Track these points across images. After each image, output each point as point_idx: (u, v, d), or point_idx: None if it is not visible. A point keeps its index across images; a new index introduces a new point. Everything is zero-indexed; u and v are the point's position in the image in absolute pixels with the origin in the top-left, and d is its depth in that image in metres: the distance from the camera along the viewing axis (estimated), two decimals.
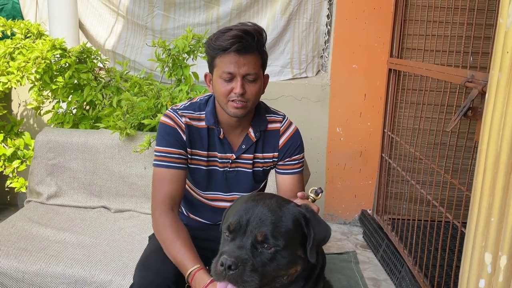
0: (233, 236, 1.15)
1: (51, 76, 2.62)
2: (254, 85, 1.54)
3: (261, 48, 1.55)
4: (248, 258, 1.10)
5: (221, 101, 1.56)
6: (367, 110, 3.30)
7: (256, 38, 1.50)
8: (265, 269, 1.11)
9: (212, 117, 1.63)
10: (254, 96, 1.55)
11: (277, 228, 1.14)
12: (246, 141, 1.67)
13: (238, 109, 1.53)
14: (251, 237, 1.12)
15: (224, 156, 1.67)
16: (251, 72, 1.51)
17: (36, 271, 1.88)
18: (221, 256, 1.10)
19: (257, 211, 1.15)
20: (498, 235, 1.07)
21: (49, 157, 2.47)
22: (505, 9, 1.05)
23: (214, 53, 1.52)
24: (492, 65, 1.10)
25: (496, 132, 1.07)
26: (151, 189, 1.65)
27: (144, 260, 1.60)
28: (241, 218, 1.15)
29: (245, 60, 1.49)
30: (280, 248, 1.13)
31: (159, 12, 3.38)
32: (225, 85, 1.52)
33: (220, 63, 1.51)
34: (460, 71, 1.96)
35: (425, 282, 2.27)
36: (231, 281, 1.09)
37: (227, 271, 1.08)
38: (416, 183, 2.59)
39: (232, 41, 1.46)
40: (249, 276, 1.09)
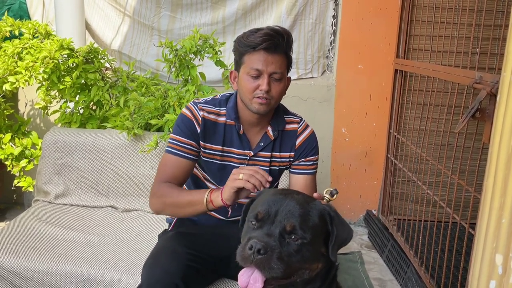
0: (260, 225, 1.18)
1: (59, 76, 2.63)
2: (279, 84, 1.60)
3: (289, 50, 1.62)
4: (276, 245, 1.12)
5: (246, 97, 1.62)
6: (372, 111, 3.31)
7: (286, 39, 1.58)
8: (291, 260, 1.13)
9: (234, 112, 1.68)
10: (278, 95, 1.61)
11: (305, 221, 1.17)
12: (264, 139, 1.73)
13: (262, 105, 1.59)
14: (279, 227, 1.15)
15: (242, 152, 1.72)
16: (277, 71, 1.57)
17: (45, 269, 1.89)
18: (249, 240, 1.12)
19: (286, 203, 1.18)
20: (509, 236, 1.07)
21: (57, 156, 2.48)
22: None
23: (244, 50, 1.58)
24: (504, 66, 1.11)
25: (508, 133, 1.08)
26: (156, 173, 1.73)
27: (151, 259, 1.62)
28: (270, 208, 1.18)
29: (273, 59, 1.56)
30: (306, 241, 1.15)
31: (165, 13, 3.39)
32: (252, 81, 1.58)
33: (249, 60, 1.58)
34: (468, 72, 1.97)
35: (431, 283, 2.27)
36: (258, 265, 1.11)
37: (255, 255, 1.10)
38: (422, 184, 2.59)
39: (264, 38, 1.53)
40: (276, 263, 1.10)
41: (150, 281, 1.54)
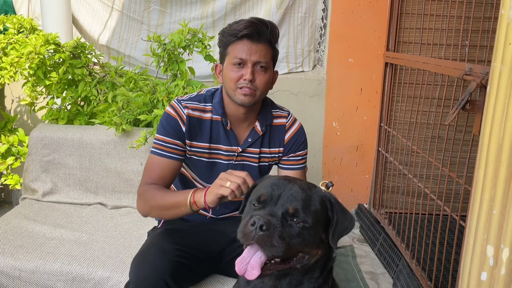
0: (263, 206, 1.18)
1: (45, 72, 2.59)
2: (264, 75, 1.57)
3: (274, 40, 1.59)
4: (279, 224, 1.12)
5: (230, 88, 1.58)
6: (363, 104, 3.30)
7: (270, 29, 1.55)
8: (291, 241, 1.13)
9: (220, 108, 1.65)
10: (263, 86, 1.58)
11: (307, 206, 1.17)
12: (253, 134, 1.69)
13: (246, 96, 1.55)
14: (282, 209, 1.15)
15: (230, 148, 1.69)
16: (261, 60, 1.54)
17: (33, 268, 1.86)
18: (252, 217, 1.11)
19: (289, 187, 1.19)
20: (500, 228, 1.07)
21: (44, 153, 2.44)
22: (507, 1, 1.04)
23: (228, 40, 1.56)
24: (494, 57, 1.10)
25: (498, 125, 1.07)
26: (142, 174, 1.69)
27: (139, 256, 1.60)
28: (273, 191, 1.18)
29: (257, 47, 1.54)
30: (308, 225, 1.15)
31: (155, 7, 3.35)
32: (236, 71, 1.55)
33: (233, 50, 1.55)
34: (458, 64, 1.96)
35: (423, 275, 2.28)
36: (259, 243, 1.10)
37: (258, 232, 1.09)
38: (413, 177, 2.59)
39: (246, 25, 1.52)
40: (277, 241, 1.10)
41: (138, 279, 1.52)
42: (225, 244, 1.75)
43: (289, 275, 1.24)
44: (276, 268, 1.19)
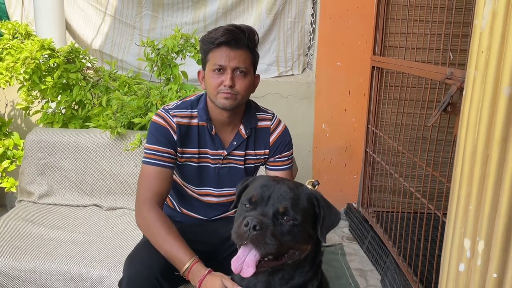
0: (254, 207, 1.25)
1: (40, 76, 2.63)
2: (244, 80, 1.61)
3: (252, 46, 1.63)
4: (270, 223, 1.20)
5: (212, 94, 1.62)
6: (351, 107, 3.39)
7: (247, 35, 1.60)
8: (283, 239, 1.21)
9: (205, 113, 1.68)
10: (243, 91, 1.62)
11: (296, 204, 1.25)
12: (237, 137, 1.74)
13: (228, 99, 1.59)
14: (272, 208, 1.22)
15: (216, 152, 1.73)
16: (240, 66, 1.59)
17: (31, 268, 1.91)
18: (245, 218, 1.18)
19: (278, 187, 1.27)
20: (476, 222, 1.15)
21: (40, 156, 2.49)
22: (480, 12, 1.13)
23: (207, 47, 1.60)
24: (469, 63, 1.19)
25: (473, 126, 1.15)
26: (137, 185, 1.70)
27: (132, 254, 1.65)
28: (263, 192, 1.26)
29: (236, 54, 1.58)
30: (297, 223, 1.23)
31: (147, 12, 3.41)
32: (216, 77, 1.59)
33: (212, 57, 1.59)
34: (440, 69, 2.05)
35: (409, 271, 2.37)
36: (253, 242, 1.18)
37: (251, 232, 1.17)
38: (399, 176, 2.68)
39: (224, 33, 1.56)
40: (270, 239, 1.18)
41: (131, 275, 1.57)
42: (217, 244, 1.80)
43: (281, 271, 1.31)
44: (269, 265, 1.26)
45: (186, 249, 1.54)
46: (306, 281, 1.33)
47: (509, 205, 1.09)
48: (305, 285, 1.33)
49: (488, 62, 1.11)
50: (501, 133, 1.08)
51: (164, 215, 1.62)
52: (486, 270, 1.14)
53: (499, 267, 1.12)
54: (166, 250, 1.55)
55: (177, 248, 1.54)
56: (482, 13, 1.12)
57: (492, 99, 1.10)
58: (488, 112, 1.10)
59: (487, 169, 1.12)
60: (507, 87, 1.06)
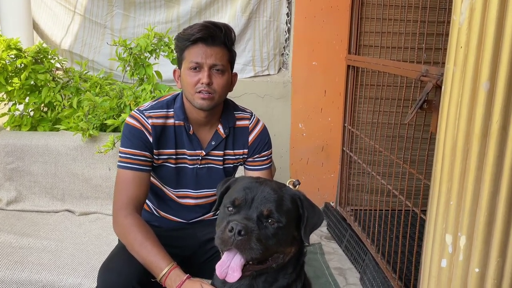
0: (238, 210, 1.21)
1: (6, 77, 2.52)
2: (221, 77, 1.57)
3: (229, 43, 1.59)
4: (255, 227, 1.16)
5: (189, 93, 1.58)
6: (327, 106, 3.40)
7: (224, 31, 1.56)
8: (268, 242, 1.18)
9: (182, 113, 1.64)
10: (221, 89, 1.58)
11: (280, 206, 1.22)
12: (216, 137, 1.70)
13: (205, 100, 1.55)
14: (256, 211, 1.19)
15: (194, 153, 1.69)
16: (217, 63, 1.55)
17: (0, 278, 1.82)
18: (229, 223, 1.15)
19: (261, 189, 1.23)
20: (457, 217, 1.15)
21: (7, 161, 2.38)
22: (458, 7, 1.13)
23: (183, 44, 1.56)
24: (447, 59, 1.18)
25: (453, 122, 1.15)
26: (114, 191, 1.63)
27: (107, 263, 1.59)
28: (246, 194, 1.22)
29: (212, 51, 1.54)
30: (282, 225, 1.20)
31: (118, 11, 3.33)
32: (193, 75, 1.54)
33: (189, 54, 1.55)
34: (415, 66, 2.07)
35: (388, 268, 2.38)
36: (238, 247, 1.14)
37: (236, 237, 1.13)
38: (376, 175, 2.70)
39: (200, 29, 1.52)
40: (255, 244, 1.15)
41: (105, 285, 1.51)
42: (196, 247, 1.76)
43: (264, 274, 1.28)
44: (254, 269, 1.23)
45: (164, 254, 1.49)
46: (290, 283, 1.31)
47: (489, 200, 1.09)
48: (289, 287, 1.31)
49: (466, 57, 1.11)
50: (481, 128, 1.08)
51: (142, 221, 1.57)
52: (468, 265, 1.14)
53: (481, 262, 1.12)
54: (143, 257, 1.49)
55: (154, 254, 1.48)
56: (460, 8, 1.13)
57: (472, 94, 1.10)
58: (467, 107, 1.11)
59: (467, 164, 1.12)
60: (486, 82, 1.07)
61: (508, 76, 1.04)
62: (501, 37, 1.04)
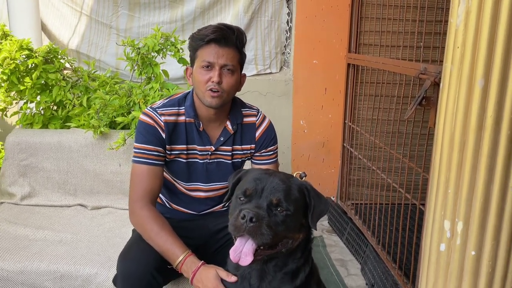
0: (249, 199, 1.31)
1: (18, 77, 2.60)
2: (231, 77, 1.66)
3: (240, 45, 1.69)
4: (265, 215, 1.26)
5: (200, 91, 1.67)
6: (328, 103, 3.49)
7: (236, 34, 1.65)
8: (277, 229, 1.27)
9: (192, 110, 1.72)
10: (229, 88, 1.67)
11: (288, 195, 1.31)
12: (224, 133, 1.78)
13: (214, 98, 1.64)
14: (266, 200, 1.29)
15: (204, 148, 1.78)
16: (228, 63, 1.64)
17: (20, 269, 1.91)
18: (241, 211, 1.24)
19: (270, 180, 1.32)
20: (454, 205, 1.25)
21: (21, 158, 2.46)
22: (455, 10, 1.23)
23: (197, 44, 1.65)
24: (445, 58, 1.28)
25: (450, 116, 1.25)
26: (129, 184, 1.73)
27: (125, 252, 1.67)
28: (257, 185, 1.31)
29: (224, 51, 1.63)
30: (290, 213, 1.30)
31: (123, 11, 3.41)
32: (204, 74, 1.64)
33: (201, 54, 1.64)
34: (414, 64, 2.16)
35: (388, 258, 2.47)
36: (250, 233, 1.24)
37: (248, 224, 1.23)
38: (377, 169, 2.79)
39: (214, 30, 1.61)
40: (266, 230, 1.24)
41: (125, 273, 1.60)
42: (207, 237, 1.85)
43: (275, 259, 1.38)
44: (265, 254, 1.33)
45: (179, 243, 1.59)
46: (299, 267, 1.40)
47: (485, 188, 1.19)
48: (298, 271, 1.40)
49: (463, 56, 1.20)
50: (477, 122, 1.17)
51: (157, 212, 1.66)
52: (465, 248, 1.24)
53: (477, 245, 1.22)
54: (159, 245, 1.59)
55: (170, 243, 1.58)
56: (457, 11, 1.22)
57: (468, 90, 1.19)
58: (464, 102, 1.20)
59: (464, 155, 1.21)
60: (481, 79, 1.16)
61: (501, 74, 1.13)
62: (495, 38, 1.13)
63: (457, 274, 1.26)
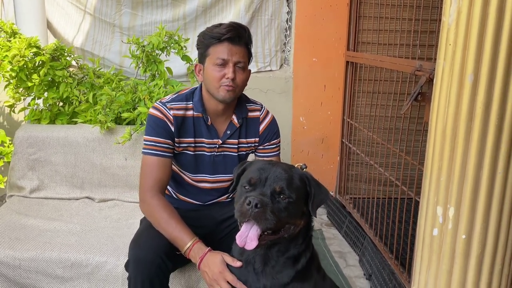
0: (253, 188, 1.39)
1: (27, 74, 2.68)
2: (243, 73, 1.76)
3: (250, 43, 1.78)
4: (269, 201, 1.35)
5: (213, 86, 1.74)
6: (327, 100, 3.58)
7: (247, 32, 1.75)
8: (280, 215, 1.36)
9: (200, 105, 1.81)
10: (241, 83, 1.77)
11: (290, 184, 1.40)
12: (231, 127, 1.87)
13: (229, 92, 1.73)
14: (270, 188, 1.37)
15: (211, 141, 1.86)
16: (241, 60, 1.73)
17: (32, 257, 1.98)
18: (247, 198, 1.33)
19: (273, 170, 1.41)
20: (446, 192, 1.33)
21: (30, 152, 2.54)
22: (447, 10, 1.31)
23: (209, 42, 1.72)
24: (438, 55, 1.36)
25: (443, 109, 1.33)
26: (140, 175, 1.81)
27: (136, 238, 1.76)
28: (261, 174, 1.40)
29: (237, 49, 1.72)
30: (292, 200, 1.38)
31: (126, 10, 3.48)
32: (218, 70, 1.72)
33: (214, 51, 1.72)
34: (410, 62, 2.25)
35: (385, 249, 2.56)
36: (255, 218, 1.32)
37: (253, 209, 1.31)
38: (375, 164, 2.88)
39: (228, 29, 1.69)
40: (270, 215, 1.33)
41: (136, 257, 1.68)
42: (213, 226, 1.93)
43: (277, 244, 1.46)
44: (269, 239, 1.41)
45: (187, 230, 1.67)
46: (300, 253, 1.49)
47: (474, 175, 1.27)
48: (299, 256, 1.49)
49: (454, 53, 1.29)
50: (467, 114, 1.26)
51: (166, 201, 1.75)
52: (456, 232, 1.33)
53: (467, 229, 1.31)
54: (168, 232, 1.67)
55: (179, 230, 1.67)
56: (449, 11, 1.30)
57: (459, 85, 1.28)
58: (455, 96, 1.28)
59: (455, 145, 1.30)
60: (471, 74, 1.25)
61: (489, 70, 1.22)
62: (484, 36, 1.22)
63: (449, 256, 1.34)
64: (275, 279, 1.45)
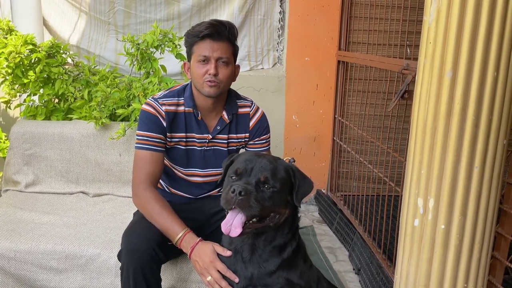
0: (239, 178, 1.44)
1: (23, 70, 2.72)
2: (226, 69, 1.80)
3: (233, 38, 1.83)
4: (253, 190, 1.40)
5: (198, 83, 1.81)
6: (319, 99, 3.64)
7: (228, 28, 1.79)
8: (265, 203, 1.41)
9: (191, 101, 1.86)
10: (225, 78, 1.81)
11: (275, 174, 1.45)
12: (221, 122, 1.92)
13: (212, 88, 1.78)
14: (255, 178, 1.42)
15: (202, 136, 1.91)
16: (223, 56, 1.78)
17: (27, 249, 2.03)
18: (232, 186, 1.37)
19: (259, 161, 1.47)
20: (427, 184, 1.39)
21: (25, 147, 2.58)
22: (428, 10, 1.37)
23: (192, 40, 1.79)
24: (420, 53, 1.42)
25: (424, 105, 1.39)
26: (133, 169, 1.86)
27: (129, 229, 1.81)
28: (247, 165, 1.45)
29: (218, 45, 1.77)
30: (276, 189, 1.44)
31: (120, 8, 3.52)
32: (201, 67, 1.78)
33: (197, 49, 1.78)
34: (398, 61, 2.31)
35: (373, 244, 2.63)
36: (239, 205, 1.37)
37: (237, 197, 1.36)
38: (365, 161, 2.95)
39: (207, 26, 1.75)
40: (254, 203, 1.38)
41: (129, 248, 1.73)
42: (204, 220, 1.98)
43: (264, 233, 1.51)
44: (254, 227, 1.46)
45: (179, 221, 1.72)
46: (286, 242, 1.54)
47: (453, 168, 1.34)
48: (285, 245, 1.54)
49: (434, 51, 1.35)
50: (446, 109, 1.32)
51: (158, 194, 1.80)
52: (436, 223, 1.39)
53: (446, 220, 1.37)
54: (160, 223, 1.72)
55: (170, 221, 1.72)
56: (429, 10, 1.36)
57: (438, 81, 1.34)
58: (435, 91, 1.34)
59: (435, 139, 1.36)
60: (449, 71, 1.31)
61: (466, 67, 1.28)
62: (461, 34, 1.28)
63: (429, 246, 1.40)
64: (262, 267, 1.50)
